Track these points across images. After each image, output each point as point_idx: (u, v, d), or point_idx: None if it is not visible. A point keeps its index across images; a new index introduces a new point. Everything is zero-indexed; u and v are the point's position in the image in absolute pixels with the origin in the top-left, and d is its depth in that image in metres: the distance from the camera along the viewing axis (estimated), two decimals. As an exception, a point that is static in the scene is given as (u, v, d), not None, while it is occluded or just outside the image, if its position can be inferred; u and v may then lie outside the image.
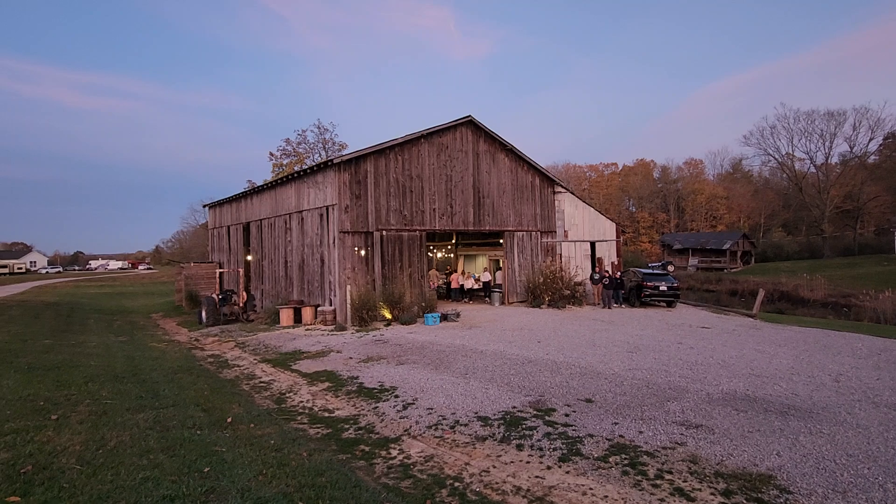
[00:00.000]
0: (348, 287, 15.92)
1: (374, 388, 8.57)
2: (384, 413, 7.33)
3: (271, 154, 50.61)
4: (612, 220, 26.01)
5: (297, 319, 16.83)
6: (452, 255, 27.50)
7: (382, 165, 17.52)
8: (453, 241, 26.93)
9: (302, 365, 10.56)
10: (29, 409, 6.31)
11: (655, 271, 23.11)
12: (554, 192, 22.70)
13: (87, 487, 4.16)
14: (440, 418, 7.06)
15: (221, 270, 21.87)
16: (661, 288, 19.88)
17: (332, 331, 14.95)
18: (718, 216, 67.98)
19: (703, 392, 8.10)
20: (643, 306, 19.96)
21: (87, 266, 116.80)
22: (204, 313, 17.97)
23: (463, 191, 19.68)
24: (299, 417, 7.28)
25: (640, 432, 6.40)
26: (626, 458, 5.63)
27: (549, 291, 19.59)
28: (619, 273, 21.30)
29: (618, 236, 25.43)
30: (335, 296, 16.35)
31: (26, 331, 14.17)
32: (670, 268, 26.49)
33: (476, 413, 7.23)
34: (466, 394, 8.13)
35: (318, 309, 16.68)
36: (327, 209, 16.91)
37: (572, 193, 24.10)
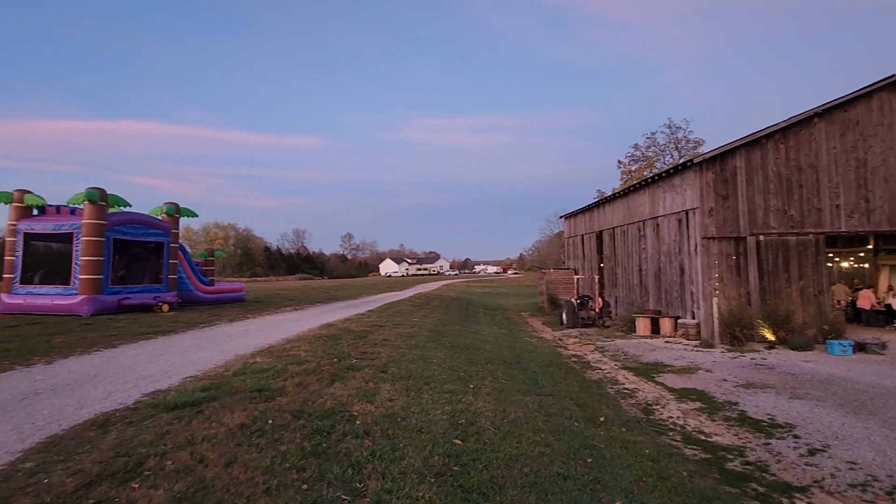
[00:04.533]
0: (715, 300, 14.19)
1: (762, 421, 7.26)
2: (781, 453, 6.10)
3: (619, 162, 50.79)
4: None
5: (655, 330, 16.18)
6: (867, 266, 20.60)
7: (756, 158, 14.89)
8: (870, 247, 20.16)
9: (666, 378, 10.06)
10: (454, 376, 8.34)
11: None
12: None
13: (501, 447, 5.13)
14: (869, 478, 5.34)
15: (578, 276, 23.44)
16: None
17: (696, 346, 13.66)
18: None
19: None
20: None
21: (473, 270, 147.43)
22: (564, 315, 19.63)
23: (886, 179, 14.55)
24: (670, 433, 6.93)
25: None
26: None
27: None
28: None
29: None
30: (698, 308, 14.88)
31: (443, 318, 18.96)
32: None
33: (938, 487, 5.10)
34: (915, 456, 5.85)
35: (679, 321, 15.56)
36: (686, 214, 15.63)
37: None
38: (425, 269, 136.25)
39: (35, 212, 16.70)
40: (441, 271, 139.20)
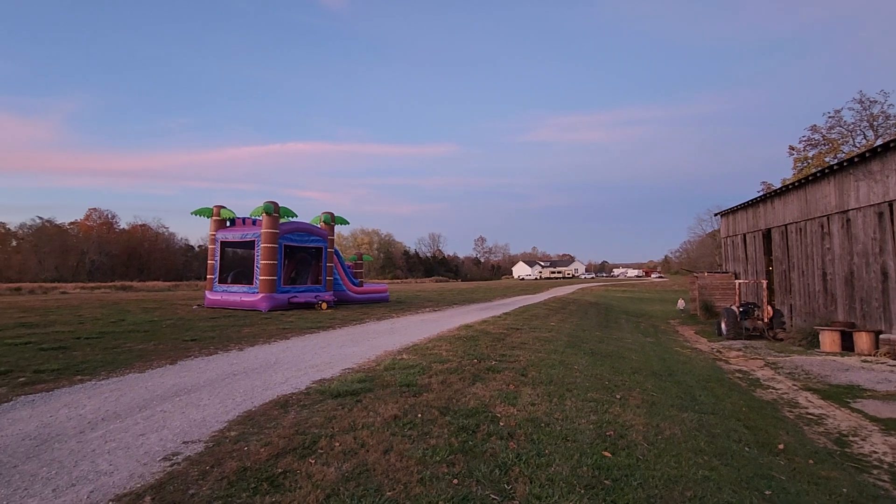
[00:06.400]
0: (936, 311, 11.34)
1: None
2: None
3: (791, 148, 43.56)
4: None
5: (847, 346, 13.50)
6: None
7: None
8: None
9: (866, 405, 8.30)
10: (599, 385, 7.92)
11: None
12: None
13: (657, 465, 4.72)
14: None
15: (740, 281, 20.62)
16: None
17: (907, 368, 11.06)
18: None
19: None
20: None
21: (611, 273, 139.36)
22: (724, 325, 17.45)
23: None
24: (875, 471, 5.70)
25: None
26: None
27: None
28: None
29: None
30: (910, 321, 12.04)
31: (582, 323, 18.21)
32: None
33: None
34: None
35: (881, 336, 12.76)
36: (890, 205, 12.79)
37: None
38: (559, 272, 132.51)
39: (228, 223, 20.12)
40: (576, 274, 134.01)
